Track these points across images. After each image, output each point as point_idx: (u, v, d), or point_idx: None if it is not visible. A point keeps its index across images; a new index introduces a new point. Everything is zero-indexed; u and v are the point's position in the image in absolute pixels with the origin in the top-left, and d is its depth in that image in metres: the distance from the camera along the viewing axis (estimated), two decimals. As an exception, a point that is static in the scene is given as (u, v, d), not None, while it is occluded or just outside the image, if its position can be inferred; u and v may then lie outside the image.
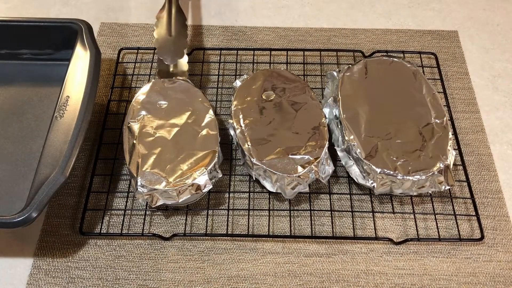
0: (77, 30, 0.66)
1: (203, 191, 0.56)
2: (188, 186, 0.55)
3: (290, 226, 0.60)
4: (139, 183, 0.55)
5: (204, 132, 0.59)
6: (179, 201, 0.56)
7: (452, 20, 0.83)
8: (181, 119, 0.60)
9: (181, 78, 0.65)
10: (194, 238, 0.60)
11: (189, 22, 0.82)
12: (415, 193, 0.58)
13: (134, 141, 0.58)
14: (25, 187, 0.59)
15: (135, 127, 0.60)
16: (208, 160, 0.57)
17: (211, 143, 0.58)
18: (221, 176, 0.58)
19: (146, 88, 0.64)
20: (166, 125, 0.60)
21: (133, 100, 0.62)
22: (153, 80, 0.65)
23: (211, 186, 0.56)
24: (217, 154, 0.57)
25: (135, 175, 0.56)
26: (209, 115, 0.61)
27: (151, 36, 0.79)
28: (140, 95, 0.63)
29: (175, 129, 0.60)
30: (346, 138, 0.59)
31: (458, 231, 0.60)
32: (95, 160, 0.64)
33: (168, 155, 0.57)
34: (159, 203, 0.56)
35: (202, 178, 0.55)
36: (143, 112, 0.61)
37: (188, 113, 0.61)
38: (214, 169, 0.57)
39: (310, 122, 0.61)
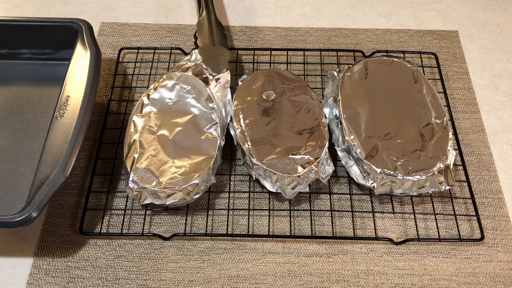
0: (78, 30, 0.65)
1: (193, 197, 0.56)
2: (178, 190, 0.55)
3: (290, 226, 0.60)
4: (130, 179, 0.55)
5: (204, 136, 0.59)
6: (167, 203, 0.55)
7: (453, 20, 0.83)
8: (184, 120, 0.60)
9: (192, 76, 0.64)
10: (194, 238, 0.60)
11: (189, 22, 0.82)
12: (415, 193, 0.58)
13: (136, 136, 0.58)
14: (25, 187, 0.59)
15: (140, 122, 0.60)
16: (203, 166, 0.56)
17: (209, 148, 0.58)
18: (214, 182, 0.58)
19: (156, 83, 0.63)
20: (169, 124, 0.60)
21: (144, 94, 0.62)
22: (165, 75, 0.64)
23: (201, 194, 0.56)
24: (213, 160, 0.57)
25: (128, 170, 0.56)
26: (213, 118, 0.60)
27: (151, 36, 0.79)
28: (151, 90, 0.62)
29: (177, 129, 0.59)
30: (346, 138, 0.59)
31: (458, 231, 0.60)
32: (95, 160, 0.64)
33: (165, 155, 0.57)
34: (147, 201, 0.56)
35: (192, 184, 0.55)
36: (150, 108, 0.61)
37: (193, 114, 0.61)
38: (207, 176, 0.57)
39: (310, 122, 0.61)
